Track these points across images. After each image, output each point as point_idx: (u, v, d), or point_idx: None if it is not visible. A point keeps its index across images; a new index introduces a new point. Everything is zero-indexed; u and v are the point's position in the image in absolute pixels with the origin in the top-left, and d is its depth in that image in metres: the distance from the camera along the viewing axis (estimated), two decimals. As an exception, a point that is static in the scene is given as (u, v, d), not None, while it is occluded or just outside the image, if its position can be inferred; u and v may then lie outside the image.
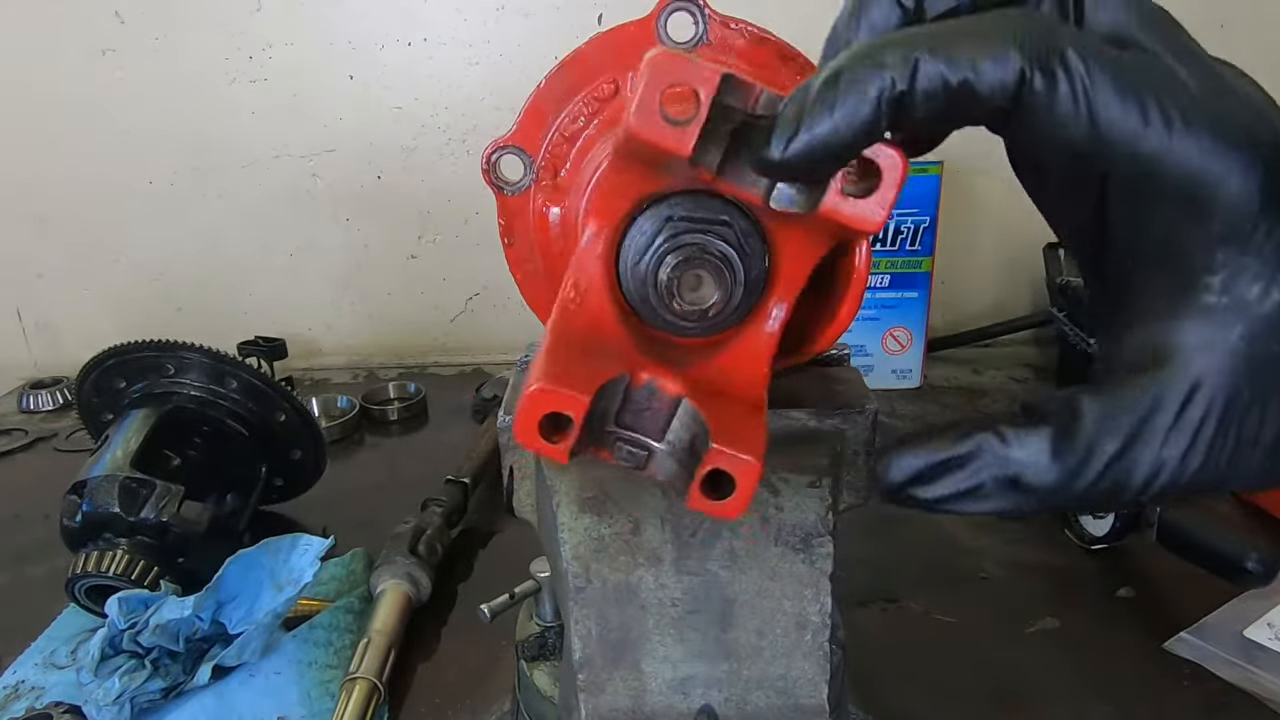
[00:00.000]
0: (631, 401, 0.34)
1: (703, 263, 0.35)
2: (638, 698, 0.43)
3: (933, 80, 0.27)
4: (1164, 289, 0.28)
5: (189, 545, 0.74)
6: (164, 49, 1.21)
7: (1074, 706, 0.64)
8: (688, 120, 0.30)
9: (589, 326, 0.35)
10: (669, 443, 0.34)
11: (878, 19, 0.33)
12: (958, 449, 0.29)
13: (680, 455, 0.33)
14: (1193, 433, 0.27)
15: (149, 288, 1.33)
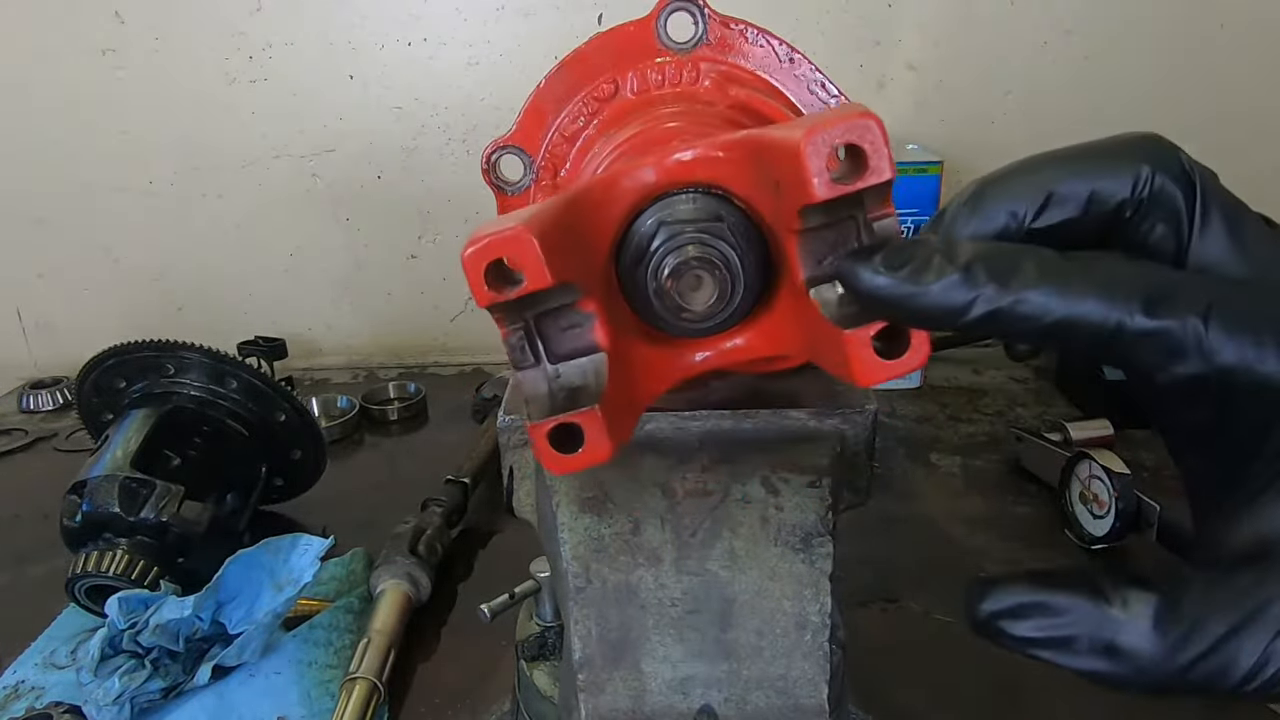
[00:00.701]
0: (562, 314, 0.33)
1: (704, 264, 0.35)
2: (638, 698, 0.43)
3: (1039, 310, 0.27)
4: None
5: (189, 545, 0.74)
6: (164, 49, 1.21)
7: (1074, 706, 0.64)
8: (843, 177, 0.29)
9: (592, 226, 0.35)
10: (558, 371, 0.33)
11: (987, 228, 0.32)
12: (1057, 597, 0.29)
13: (556, 389, 0.33)
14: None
15: (149, 288, 1.33)
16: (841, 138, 0.28)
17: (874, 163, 0.28)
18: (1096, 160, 0.32)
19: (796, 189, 0.30)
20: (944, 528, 0.86)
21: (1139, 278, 0.27)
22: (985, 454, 1.00)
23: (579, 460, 0.31)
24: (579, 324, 0.33)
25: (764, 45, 0.50)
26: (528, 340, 0.33)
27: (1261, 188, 1.39)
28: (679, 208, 0.36)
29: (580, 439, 0.31)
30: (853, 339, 0.30)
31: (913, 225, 1.09)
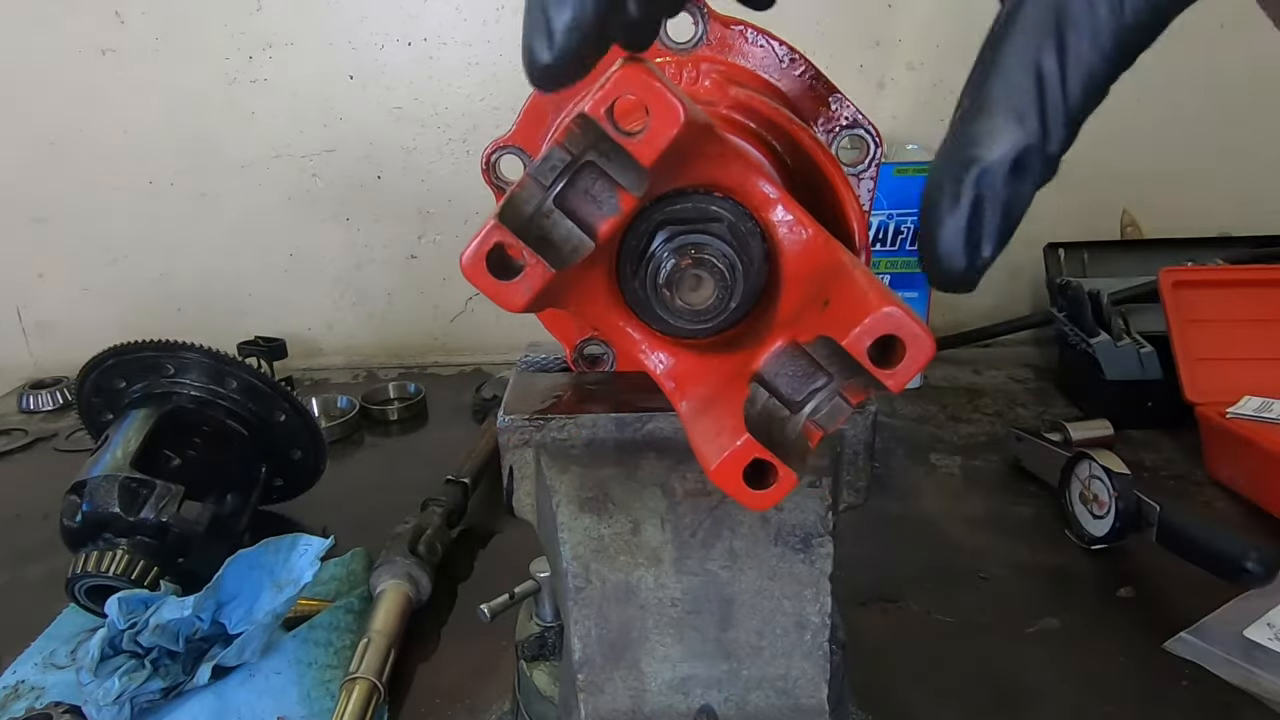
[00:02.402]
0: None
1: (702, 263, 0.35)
2: (637, 698, 0.43)
3: None
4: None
5: (189, 545, 0.74)
6: (164, 49, 1.21)
7: (1074, 706, 0.64)
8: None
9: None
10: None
11: None
12: (966, 201, 0.28)
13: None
14: None
15: (149, 288, 1.33)
16: (906, 334, 0.30)
17: (900, 370, 0.30)
18: None
19: (835, 324, 0.31)
20: (944, 528, 0.86)
21: None
22: (985, 454, 1.00)
23: (497, 288, 0.32)
24: (605, 207, 0.33)
25: (764, 46, 0.50)
26: (564, 167, 0.33)
27: (1260, 186, 1.39)
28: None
29: (515, 273, 0.32)
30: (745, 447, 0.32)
31: (913, 225, 1.09)
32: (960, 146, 0.27)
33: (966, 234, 0.27)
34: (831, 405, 0.33)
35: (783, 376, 0.33)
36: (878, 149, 0.49)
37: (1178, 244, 1.15)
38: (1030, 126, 0.27)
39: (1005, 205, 0.27)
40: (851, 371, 0.32)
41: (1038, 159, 0.27)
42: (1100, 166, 1.27)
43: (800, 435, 0.33)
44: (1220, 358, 0.96)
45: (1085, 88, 0.26)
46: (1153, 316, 1.02)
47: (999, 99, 0.27)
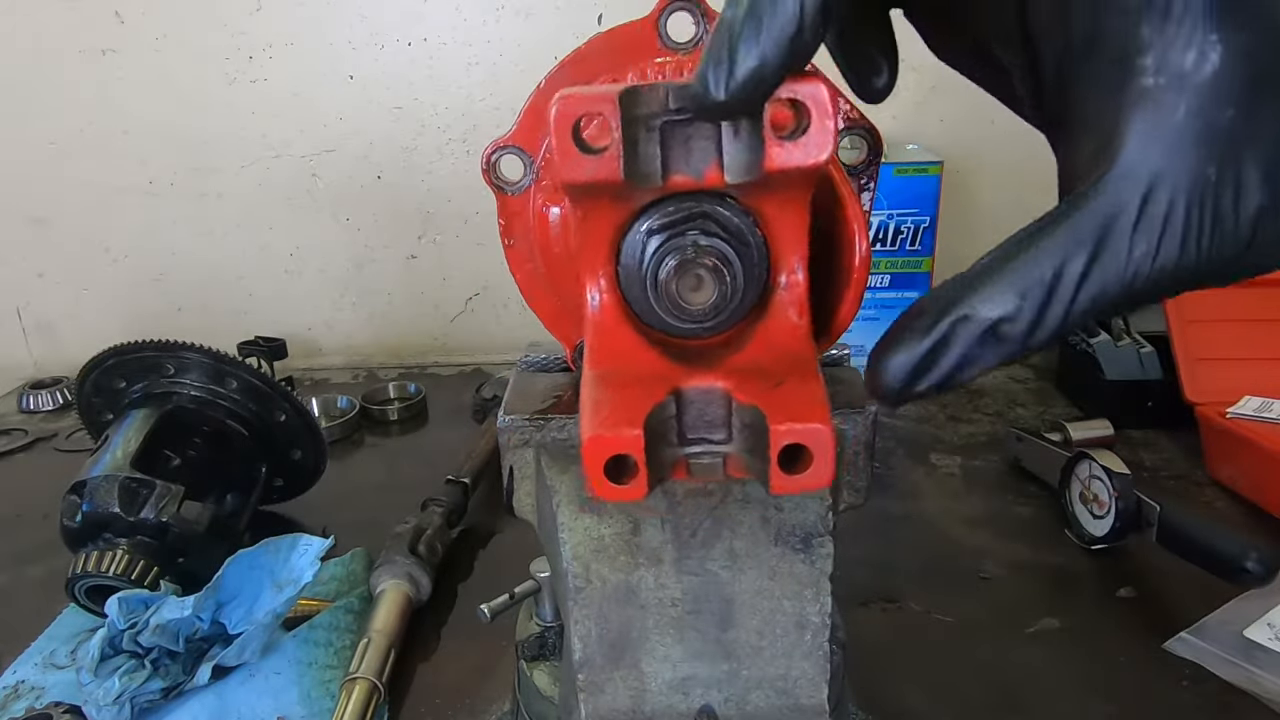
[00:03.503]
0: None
1: (694, 263, 0.35)
2: (638, 698, 0.43)
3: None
4: (1101, 85, 0.27)
5: (189, 545, 0.74)
6: (164, 49, 1.21)
7: (1074, 706, 0.64)
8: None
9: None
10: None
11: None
12: (936, 334, 0.28)
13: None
14: (1160, 227, 0.26)
15: (149, 288, 1.33)
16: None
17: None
18: None
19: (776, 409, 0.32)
20: (944, 528, 0.86)
21: None
22: (985, 454, 1.00)
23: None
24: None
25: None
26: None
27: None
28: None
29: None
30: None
31: (913, 225, 1.09)
32: (956, 288, 0.28)
33: (914, 364, 0.29)
34: (711, 464, 0.34)
35: (695, 410, 0.33)
36: (878, 149, 0.49)
37: (1178, 244, 1.15)
38: (1027, 306, 0.27)
39: (963, 359, 0.28)
40: (752, 450, 0.33)
41: (1017, 339, 0.28)
42: (1100, 166, 1.28)
43: (667, 466, 0.33)
44: (1220, 358, 0.96)
45: (1092, 303, 0.27)
46: (1153, 316, 1.02)
47: (1013, 271, 0.27)
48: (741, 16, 0.27)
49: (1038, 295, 0.27)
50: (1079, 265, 0.27)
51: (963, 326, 0.28)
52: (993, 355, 0.28)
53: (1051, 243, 0.27)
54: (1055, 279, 0.27)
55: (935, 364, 0.28)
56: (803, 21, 0.27)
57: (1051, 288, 0.27)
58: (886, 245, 1.10)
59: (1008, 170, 1.26)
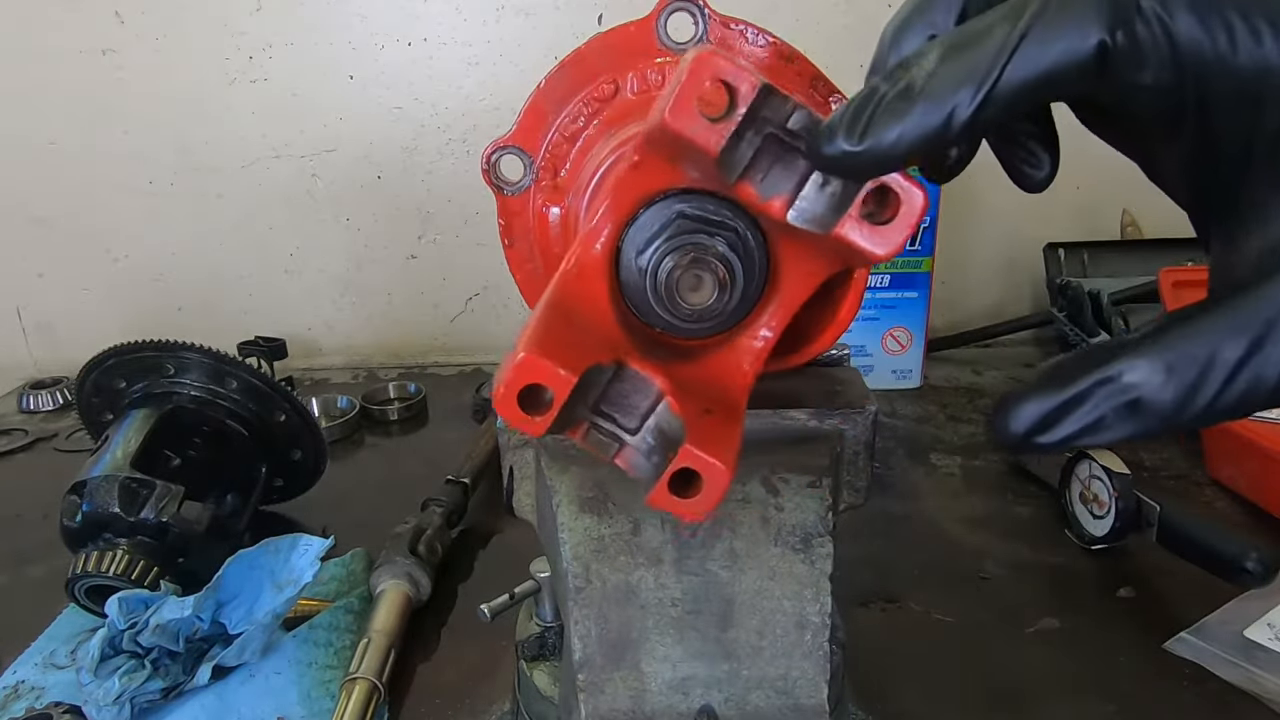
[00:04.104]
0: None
1: (703, 264, 0.35)
2: (638, 698, 0.43)
3: (1023, 69, 0.26)
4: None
5: (189, 545, 0.74)
6: (164, 49, 1.21)
7: (1074, 706, 0.64)
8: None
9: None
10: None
11: (940, 21, 0.31)
12: (1074, 389, 0.28)
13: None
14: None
15: (149, 288, 1.33)
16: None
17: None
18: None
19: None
20: (944, 528, 0.86)
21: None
22: (985, 454, 1.00)
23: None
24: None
25: (764, 45, 0.50)
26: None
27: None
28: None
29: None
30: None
31: (913, 225, 1.09)
32: (1103, 351, 0.28)
33: (1043, 415, 0.28)
34: (605, 443, 0.33)
35: (625, 390, 0.33)
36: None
37: (1178, 244, 1.15)
38: (1175, 382, 0.27)
39: (1095, 421, 0.27)
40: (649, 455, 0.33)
41: (1158, 414, 0.27)
42: (1100, 166, 1.27)
43: (571, 421, 0.33)
44: (1220, 358, 0.96)
45: (1244, 395, 0.26)
46: (1153, 316, 1.02)
47: (1166, 345, 0.27)
48: (896, 92, 0.27)
49: (1188, 374, 0.26)
50: (1236, 352, 0.26)
51: (1102, 389, 0.27)
52: (1128, 426, 0.27)
53: (1211, 325, 0.27)
54: (1209, 361, 0.26)
55: (1064, 420, 0.28)
56: (949, 127, 0.27)
57: (1204, 369, 0.26)
58: (886, 245, 1.10)
59: (1008, 170, 1.26)
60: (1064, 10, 0.26)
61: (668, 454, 0.32)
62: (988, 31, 0.27)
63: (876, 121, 0.27)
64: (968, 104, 0.26)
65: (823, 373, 0.50)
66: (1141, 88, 0.27)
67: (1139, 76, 0.27)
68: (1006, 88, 0.26)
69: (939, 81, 0.27)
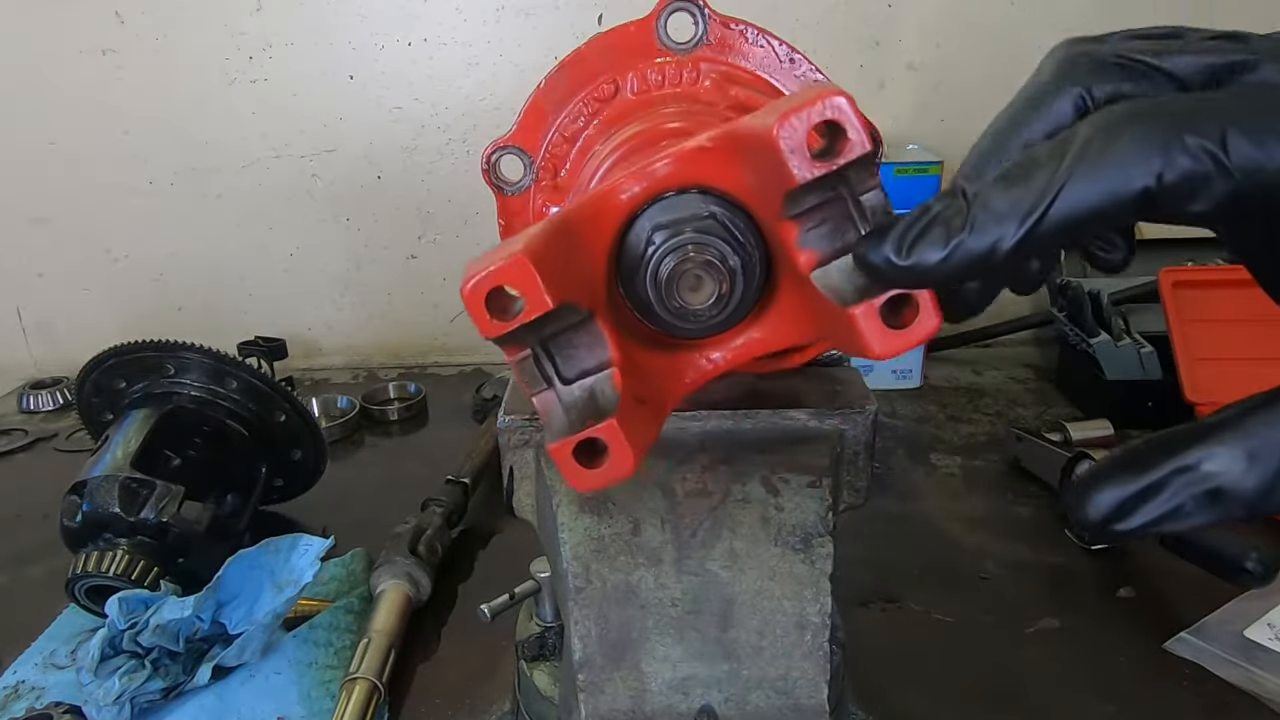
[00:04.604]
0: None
1: (713, 270, 0.35)
2: (638, 698, 0.43)
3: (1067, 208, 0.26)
4: None
5: (189, 545, 0.74)
6: (164, 49, 1.21)
7: (1074, 706, 0.64)
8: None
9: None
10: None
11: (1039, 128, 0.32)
12: (1152, 477, 0.27)
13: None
14: None
15: (149, 288, 1.33)
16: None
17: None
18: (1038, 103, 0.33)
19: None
20: (944, 528, 0.86)
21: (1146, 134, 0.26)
22: (985, 454, 1.00)
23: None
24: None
25: (764, 45, 0.50)
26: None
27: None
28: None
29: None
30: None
31: (913, 225, 1.09)
32: (1181, 438, 0.27)
33: (1120, 502, 0.27)
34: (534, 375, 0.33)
35: (581, 339, 0.33)
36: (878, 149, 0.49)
37: (1178, 244, 1.15)
38: (1257, 472, 0.26)
39: (1174, 510, 0.27)
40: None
41: (1239, 503, 0.26)
42: (1100, 166, 1.28)
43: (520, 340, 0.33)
44: (1220, 358, 0.96)
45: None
46: (1153, 316, 1.02)
47: (1247, 432, 0.27)
48: (947, 216, 0.28)
49: (1271, 462, 0.26)
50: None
51: (1180, 477, 0.27)
52: (1208, 513, 0.27)
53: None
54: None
55: (1142, 507, 0.27)
56: (992, 258, 0.27)
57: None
58: (886, 245, 1.10)
59: (1008, 170, 1.26)
60: (1105, 153, 0.26)
61: (588, 419, 0.32)
62: (1035, 167, 0.27)
63: (923, 241, 0.28)
64: (1011, 237, 0.27)
65: (823, 373, 0.50)
66: (1198, 214, 0.27)
67: (1191, 205, 0.27)
68: (1050, 225, 0.26)
69: (987, 213, 0.27)
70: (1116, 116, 0.27)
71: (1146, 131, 0.26)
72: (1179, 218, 0.28)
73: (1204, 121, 0.26)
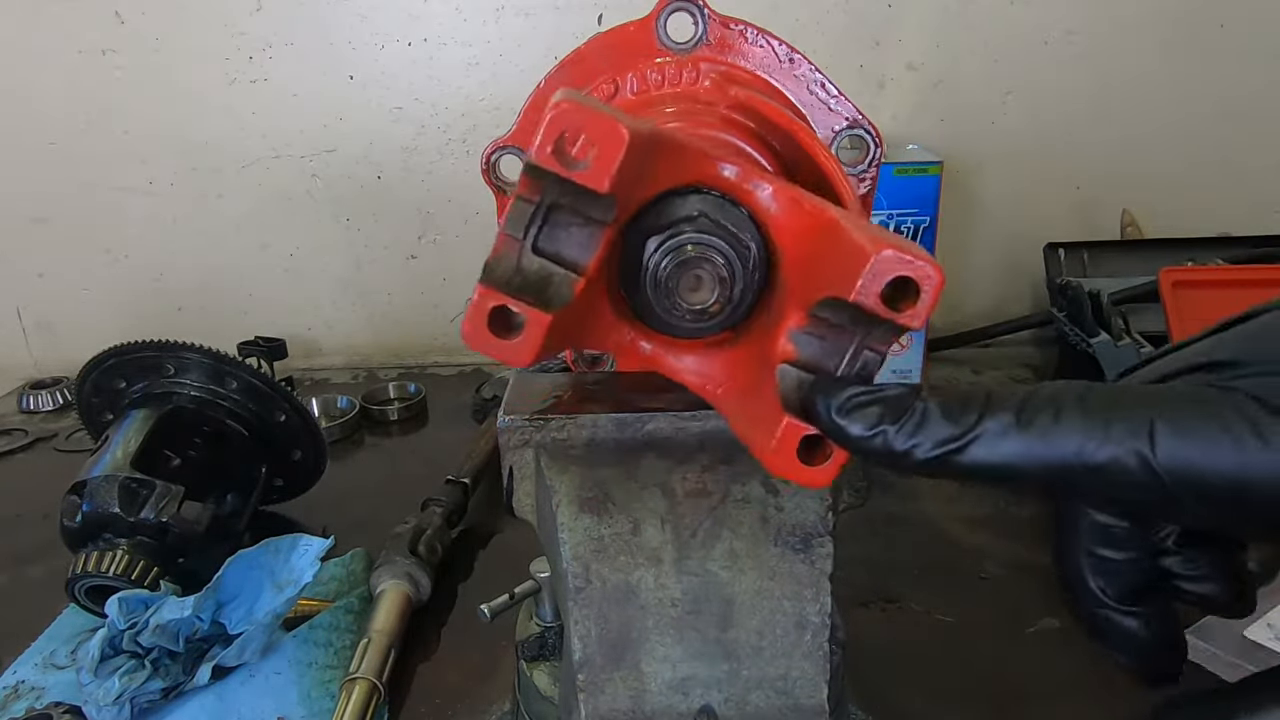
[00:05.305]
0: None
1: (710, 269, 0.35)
2: (637, 698, 0.43)
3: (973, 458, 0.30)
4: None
5: (189, 545, 0.74)
6: (164, 49, 1.21)
7: (1074, 706, 0.64)
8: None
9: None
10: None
11: None
12: None
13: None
14: None
15: (149, 288, 1.33)
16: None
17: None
18: None
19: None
20: (944, 528, 0.86)
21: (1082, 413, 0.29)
22: (985, 454, 1.00)
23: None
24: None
25: (764, 45, 0.50)
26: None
27: (1261, 187, 1.39)
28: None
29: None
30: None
31: (913, 225, 1.09)
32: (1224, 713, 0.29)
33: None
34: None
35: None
36: (878, 149, 0.49)
37: (1178, 244, 1.15)
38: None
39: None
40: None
41: None
42: (1100, 166, 1.28)
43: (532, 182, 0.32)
44: (1220, 358, 0.96)
45: None
46: (1153, 316, 1.02)
47: None
48: (890, 405, 0.31)
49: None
50: None
51: None
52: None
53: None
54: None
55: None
56: (902, 460, 0.30)
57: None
58: (886, 245, 1.10)
59: (1008, 170, 1.26)
60: (1033, 420, 0.29)
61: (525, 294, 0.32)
62: (974, 407, 0.30)
63: (859, 413, 0.31)
64: (922, 453, 0.30)
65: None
66: (1130, 502, 0.30)
67: (1120, 493, 0.29)
68: (962, 464, 0.30)
69: (915, 424, 0.30)
70: (1066, 393, 0.30)
71: (1084, 411, 0.29)
72: (1119, 504, 0.31)
73: (1135, 412, 0.28)
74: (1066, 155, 1.25)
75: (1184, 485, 0.27)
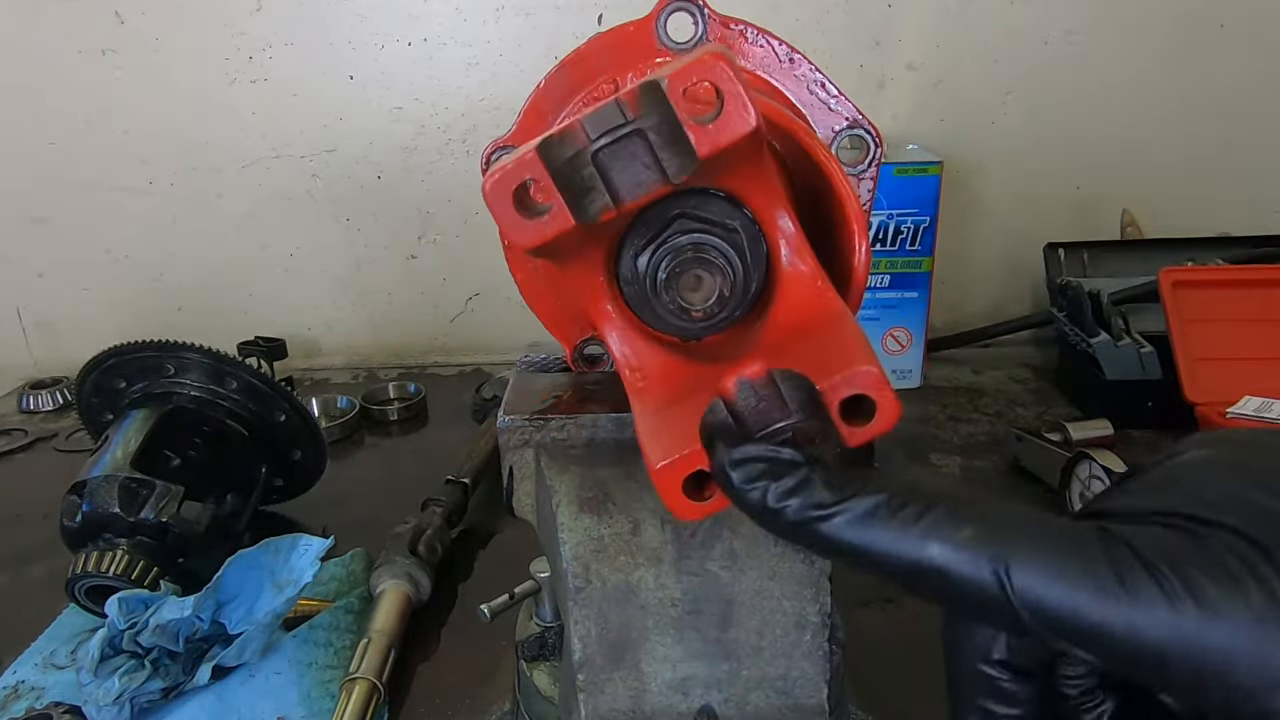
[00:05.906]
0: (743, 409, 0.33)
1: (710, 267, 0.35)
2: (637, 698, 0.43)
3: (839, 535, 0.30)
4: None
5: (189, 545, 0.74)
6: (164, 49, 1.21)
7: (1074, 706, 0.64)
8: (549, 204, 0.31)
9: (665, 394, 0.36)
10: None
11: None
12: None
13: (810, 415, 0.33)
14: None
15: (149, 288, 1.33)
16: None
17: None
18: None
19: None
20: (944, 528, 0.86)
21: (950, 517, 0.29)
22: (985, 454, 1.00)
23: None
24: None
25: (764, 45, 0.50)
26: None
27: (1260, 186, 1.39)
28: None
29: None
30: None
31: (913, 225, 1.09)
32: None
33: None
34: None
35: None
36: (878, 149, 0.49)
37: (1178, 244, 1.15)
38: None
39: None
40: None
41: None
42: (1100, 166, 1.28)
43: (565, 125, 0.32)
44: (1220, 358, 0.96)
45: None
46: (1153, 316, 1.02)
47: None
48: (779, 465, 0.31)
49: None
50: None
51: None
52: None
53: None
54: None
55: None
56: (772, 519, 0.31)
57: None
58: (886, 245, 1.10)
59: (1008, 170, 1.26)
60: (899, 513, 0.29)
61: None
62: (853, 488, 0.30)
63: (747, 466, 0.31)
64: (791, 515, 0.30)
65: (823, 373, 0.50)
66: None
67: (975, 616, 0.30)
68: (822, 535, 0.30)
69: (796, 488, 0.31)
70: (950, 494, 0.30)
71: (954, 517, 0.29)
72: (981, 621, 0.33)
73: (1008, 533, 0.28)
74: (1066, 155, 1.25)
75: (1040, 620, 0.27)
